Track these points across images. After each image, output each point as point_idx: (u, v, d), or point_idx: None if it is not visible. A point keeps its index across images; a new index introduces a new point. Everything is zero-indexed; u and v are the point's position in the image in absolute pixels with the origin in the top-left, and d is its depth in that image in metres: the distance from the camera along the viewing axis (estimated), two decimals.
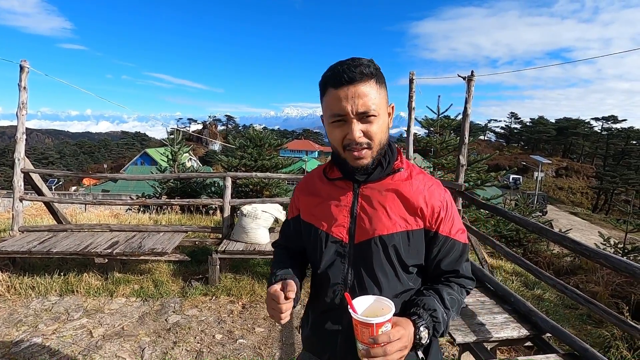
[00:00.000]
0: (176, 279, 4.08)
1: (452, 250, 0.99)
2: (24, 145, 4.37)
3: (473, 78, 4.43)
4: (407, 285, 0.99)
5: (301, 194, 1.11)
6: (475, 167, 9.17)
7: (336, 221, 0.99)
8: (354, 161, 0.93)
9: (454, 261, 1.01)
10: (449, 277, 1.02)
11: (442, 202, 0.98)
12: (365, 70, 0.86)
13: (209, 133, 70.57)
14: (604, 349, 2.94)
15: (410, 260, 0.97)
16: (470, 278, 1.05)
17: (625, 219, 7.82)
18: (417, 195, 0.96)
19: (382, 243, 0.95)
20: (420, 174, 1.01)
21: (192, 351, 2.82)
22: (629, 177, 38.04)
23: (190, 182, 9.75)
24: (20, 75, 4.28)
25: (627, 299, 3.97)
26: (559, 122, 60.31)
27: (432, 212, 0.96)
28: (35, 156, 51.20)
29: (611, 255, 2.07)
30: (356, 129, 0.88)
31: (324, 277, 1.02)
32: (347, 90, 0.87)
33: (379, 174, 0.97)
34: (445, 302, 0.95)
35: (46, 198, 4.61)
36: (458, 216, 1.02)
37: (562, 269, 6.31)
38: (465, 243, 1.03)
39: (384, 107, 0.92)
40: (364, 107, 0.87)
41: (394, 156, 1.01)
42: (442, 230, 0.97)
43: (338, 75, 0.87)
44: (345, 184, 1.01)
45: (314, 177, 1.11)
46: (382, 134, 0.92)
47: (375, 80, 0.89)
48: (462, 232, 1.02)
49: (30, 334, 2.94)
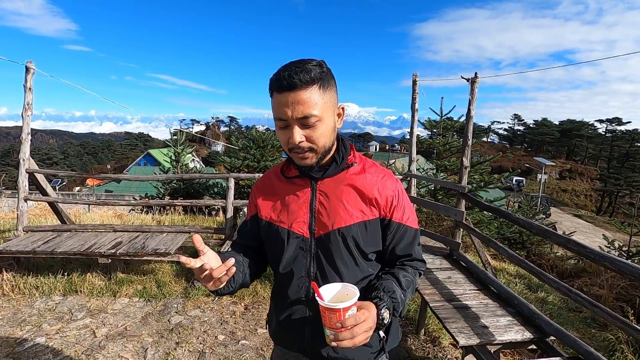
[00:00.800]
0: (179, 279, 4.09)
1: (404, 236, 1.06)
2: (29, 145, 4.40)
3: (476, 80, 4.42)
4: (367, 271, 1.05)
5: (259, 192, 1.13)
6: (478, 168, 9.14)
7: (296, 218, 1.03)
8: (299, 160, 0.97)
9: (407, 245, 1.07)
10: (403, 261, 1.08)
11: (394, 191, 1.03)
12: (305, 77, 0.87)
13: (211, 134, 70.77)
14: (609, 352, 2.92)
15: (369, 248, 1.02)
16: (421, 260, 1.12)
17: (630, 221, 7.76)
18: (371, 186, 1.02)
19: (342, 235, 0.99)
20: (372, 167, 1.07)
21: (194, 352, 2.82)
22: (633, 180, 37.75)
23: (193, 183, 9.77)
24: (25, 77, 4.31)
25: (632, 303, 3.94)
26: (563, 124, 60.08)
27: (385, 201, 1.02)
28: (39, 157, 51.54)
29: (616, 259, 2.06)
30: (297, 134, 0.91)
31: (287, 272, 1.05)
32: (287, 96, 0.88)
33: (334, 170, 1.02)
34: (402, 284, 1.01)
35: (50, 198, 4.64)
36: (409, 204, 1.08)
37: (565, 272, 6.27)
38: (416, 229, 1.09)
39: (328, 111, 0.93)
40: (303, 113, 0.89)
41: (347, 152, 1.05)
42: (395, 217, 1.03)
43: (279, 81, 0.89)
44: (303, 181, 1.05)
45: (271, 176, 1.14)
46: (326, 137, 0.95)
47: (319, 86, 0.90)
48: (414, 219, 1.09)
49: (34, 334, 2.95)
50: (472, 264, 3.70)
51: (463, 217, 4.06)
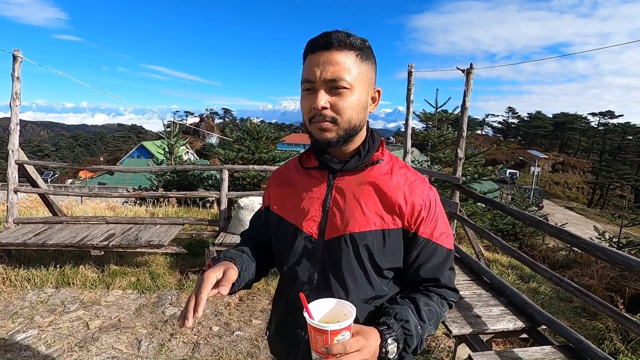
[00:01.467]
0: (173, 271, 4.07)
1: (433, 256, 0.89)
2: (18, 136, 4.32)
3: (472, 71, 4.41)
4: (381, 290, 0.89)
5: (274, 183, 1.03)
6: (472, 161, 9.19)
7: (307, 215, 0.91)
8: (318, 133, 0.83)
9: (435, 268, 0.90)
10: (428, 286, 0.92)
11: (424, 200, 0.87)
12: (345, 39, 0.79)
13: (206, 126, 70.21)
14: (598, 340, 2.97)
15: (385, 262, 0.87)
16: (453, 289, 0.94)
17: (620, 213, 7.88)
18: (396, 190, 0.87)
19: (353, 241, 0.86)
20: (402, 168, 0.92)
21: (188, 343, 2.82)
22: (624, 172, 38.26)
23: (187, 175, 9.70)
24: (13, 65, 4.21)
25: (621, 292, 4.01)
26: (556, 117, 60.50)
27: (412, 210, 0.86)
28: (30, 149, 50.79)
29: (607, 249, 2.08)
30: (321, 97, 0.80)
31: (290, 274, 0.94)
32: (320, 55, 0.80)
33: (355, 164, 0.88)
34: (421, 314, 0.84)
35: (41, 190, 4.57)
36: (444, 218, 0.92)
37: (557, 263, 6.36)
38: (449, 249, 0.91)
39: (362, 84, 0.83)
40: (333, 75, 0.79)
41: (374, 146, 0.91)
42: (422, 231, 0.87)
43: (315, 40, 0.81)
44: (320, 174, 0.93)
45: (291, 165, 1.02)
46: (354, 111, 0.82)
47: (357, 54, 0.81)
48: (447, 236, 0.91)
49: (26, 326, 2.93)
50: (466, 255, 3.73)
51: (457, 209, 4.08)
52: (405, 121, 5.68)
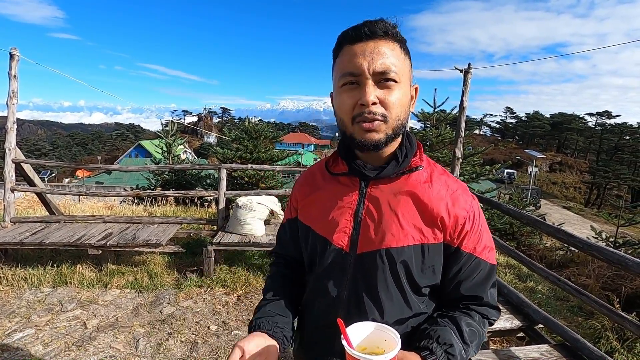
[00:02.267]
0: (171, 270, 4.07)
1: (475, 271, 0.81)
2: (15, 135, 4.30)
3: (470, 70, 4.42)
4: (418, 309, 0.82)
5: (299, 191, 0.94)
6: (470, 160, 9.22)
7: (337, 226, 0.83)
8: (363, 134, 0.74)
9: (478, 285, 0.82)
10: (469, 304, 0.83)
11: (468, 211, 0.79)
12: (390, 29, 0.73)
13: (204, 125, 70.08)
14: (595, 339, 2.99)
15: (424, 280, 0.80)
16: (495, 307, 0.85)
17: (617, 213, 7.92)
18: (438, 201, 0.78)
19: (390, 257, 0.78)
20: (443, 175, 0.83)
21: (186, 342, 2.82)
22: (621, 172, 38.47)
23: (185, 174, 9.68)
24: (10, 64, 4.20)
25: (618, 292, 4.03)
26: (554, 117, 60.73)
27: (455, 223, 0.78)
28: (27, 147, 50.58)
29: (604, 248, 2.09)
30: (371, 91, 0.71)
31: (318, 287, 0.87)
32: (365, 45, 0.72)
33: (392, 170, 0.79)
34: (463, 336, 0.77)
35: (38, 189, 4.55)
36: (487, 230, 0.84)
37: (554, 262, 6.39)
38: (492, 264, 0.84)
39: (406, 78, 0.76)
40: (384, 67, 0.71)
41: (412, 150, 0.82)
42: (465, 246, 0.79)
43: (357, 29, 0.73)
44: (350, 180, 0.84)
45: (315, 171, 0.93)
46: (402, 108, 0.75)
47: (401, 46, 0.75)
48: (490, 250, 0.83)
49: (23, 325, 2.92)
50: None
51: None
52: None
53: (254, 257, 4.52)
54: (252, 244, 3.99)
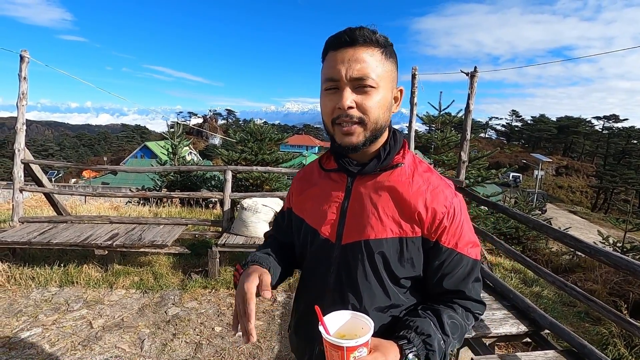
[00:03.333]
0: (176, 271, 4.09)
1: (457, 267, 0.84)
2: (24, 136, 4.36)
3: (476, 74, 4.40)
4: (398, 299, 0.86)
5: (297, 184, 1.03)
6: (476, 164, 9.17)
7: (325, 218, 0.89)
8: (342, 137, 0.80)
9: (460, 280, 0.85)
10: (452, 298, 0.86)
11: (447, 207, 0.82)
12: (370, 36, 0.76)
13: (209, 127, 70.46)
14: (602, 346, 2.95)
15: (403, 271, 0.84)
16: (479, 301, 0.88)
17: (625, 218, 7.83)
18: (416, 196, 0.82)
19: (368, 248, 0.83)
20: (426, 172, 0.87)
21: (191, 343, 2.83)
22: (629, 177, 38.03)
23: (191, 176, 9.73)
24: (20, 65, 4.25)
25: (625, 297, 3.99)
26: (560, 121, 60.25)
27: (432, 218, 0.81)
28: (35, 148, 51.14)
29: (612, 253, 2.07)
30: (347, 96, 0.76)
31: (308, 276, 0.95)
32: (345, 52, 0.76)
33: (373, 167, 0.85)
34: (444, 327, 0.80)
35: (46, 189, 4.60)
36: (469, 227, 0.86)
37: (560, 267, 6.33)
38: (475, 259, 0.86)
39: (387, 83, 0.80)
40: (360, 73, 0.75)
41: (396, 148, 0.87)
42: (444, 241, 0.83)
43: (338, 37, 0.77)
44: (339, 176, 0.90)
45: (313, 167, 1.01)
46: (380, 111, 0.79)
47: (382, 51, 0.78)
48: (473, 245, 0.86)
49: (30, 324, 2.95)
50: None
51: None
52: (409, 124, 5.67)
53: None
54: (256, 246, 3.98)
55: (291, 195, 1.04)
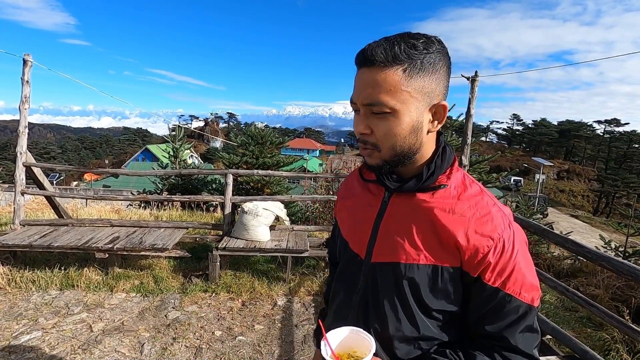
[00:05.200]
0: (176, 275, 4.08)
1: (503, 310, 0.71)
2: (26, 139, 4.38)
3: (477, 78, 4.42)
4: (429, 331, 0.76)
5: (340, 193, 0.99)
6: (477, 168, 9.16)
7: (357, 231, 0.85)
8: (365, 158, 0.77)
9: (504, 326, 0.72)
10: (494, 345, 0.73)
11: (494, 239, 0.70)
12: (386, 54, 0.67)
13: (210, 130, 70.63)
14: (604, 351, 2.93)
15: (435, 303, 0.75)
16: (529, 356, 0.73)
17: (627, 222, 7.79)
18: (457, 223, 0.72)
19: (397, 272, 0.76)
20: (476, 196, 0.75)
21: (191, 347, 2.82)
22: (630, 181, 37.94)
23: (192, 179, 9.75)
24: (23, 69, 4.28)
25: (628, 303, 3.96)
26: (561, 125, 60.27)
27: (474, 250, 0.70)
28: (37, 151, 51.31)
29: (614, 259, 2.07)
30: (360, 122, 0.73)
31: (337, 289, 0.91)
32: (362, 73, 0.71)
33: (413, 186, 0.76)
34: None
35: (48, 192, 4.61)
36: (527, 265, 0.72)
37: (562, 272, 6.29)
38: (529, 304, 0.72)
39: (411, 104, 0.70)
40: (369, 100, 0.70)
41: (442, 167, 0.77)
42: (487, 278, 0.71)
43: (359, 54, 0.71)
44: (377, 189, 0.83)
45: (355, 175, 0.95)
46: (397, 138, 0.71)
47: (405, 69, 0.68)
48: (529, 288, 0.72)
49: (30, 328, 2.94)
50: None
51: None
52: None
53: (259, 263, 4.52)
54: (257, 250, 4.00)
55: (336, 203, 1.01)
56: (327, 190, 8.78)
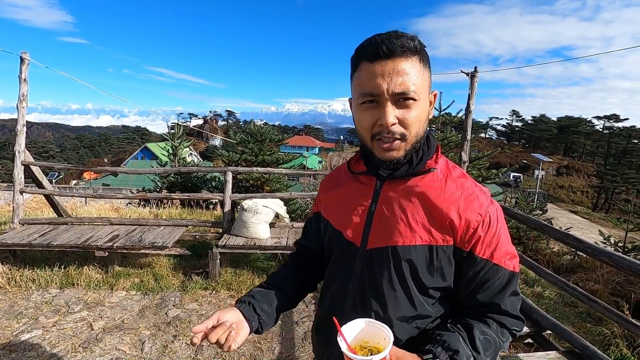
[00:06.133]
0: (176, 273, 4.08)
1: (492, 279, 0.79)
2: (25, 137, 4.36)
3: (476, 74, 4.40)
4: (425, 310, 0.81)
5: (324, 188, 1.01)
6: (476, 164, 9.15)
7: (351, 221, 0.87)
8: (382, 153, 0.77)
9: (495, 293, 0.79)
10: (486, 312, 0.81)
11: (482, 215, 0.77)
12: (409, 44, 0.72)
13: (209, 128, 70.52)
14: (604, 346, 2.94)
15: (431, 281, 0.80)
16: (516, 317, 0.82)
17: (626, 218, 7.82)
18: (448, 203, 0.78)
19: (395, 255, 0.79)
20: (460, 178, 0.83)
21: (191, 345, 2.82)
22: (629, 176, 38.01)
23: (191, 177, 9.73)
24: (20, 67, 4.26)
25: (627, 298, 3.97)
26: (561, 121, 60.27)
27: (466, 226, 0.77)
28: (35, 150, 51.23)
29: (614, 254, 2.07)
30: (390, 113, 0.72)
31: (330, 279, 0.93)
32: (384, 65, 0.71)
33: (405, 171, 0.81)
34: (475, 343, 0.75)
35: (47, 191, 4.60)
36: (506, 237, 0.81)
37: (561, 267, 6.31)
38: (513, 271, 0.80)
39: (425, 92, 0.76)
40: (403, 87, 0.71)
41: (429, 153, 0.84)
42: (478, 251, 0.78)
43: (375, 47, 0.72)
44: (368, 179, 0.87)
45: (341, 169, 0.99)
46: (420, 124, 0.76)
47: (420, 58, 0.74)
48: (511, 257, 0.81)
49: (31, 326, 2.94)
50: None
51: None
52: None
53: (259, 260, 4.52)
54: (257, 247, 3.99)
55: (318, 199, 1.02)
56: None
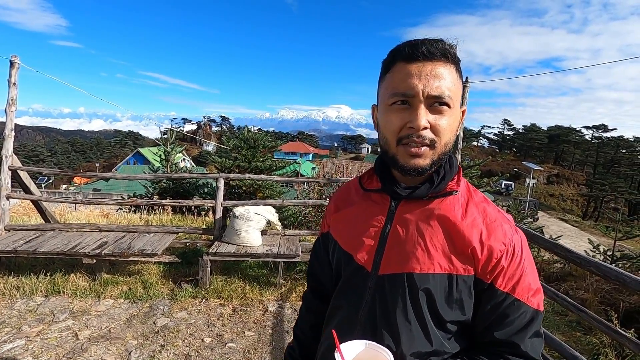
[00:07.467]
0: (166, 280, 4.02)
1: (513, 315, 0.71)
2: (12, 142, 4.29)
3: (467, 84, 4.47)
4: (441, 346, 0.74)
5: (332, 206, 0.93)
6: (468, 172, 9.23)
7: (362, 243, 0.80)
8: (407, 159, 0.71)
9: (514, 331, 0.71)
10: (502, 352, 0.73)
11: (506, 244, 0.71)
12: (449, 50, 0.69)
13: (203, 133, 70.28)
14: (593, 356, 2.96)
15: (449, 314, 0.73)
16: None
17: (614, 226, 7.92)
18: (470, 229, 0.72)
19: (411, 283, 0.72)
20: (482, 203, 0.77)
21: (180, 355, 2.77)
22: (618, 185, 38.68)
23: (183, 183, 9.65)
24: (10, 71, 4.21)
25: (616, 306, 4.01)
26: (551, 130, 61.28)
27: (488, 256, 0.71)
28: (25, 153, 50.46)
29: (601, 264, 2.08)
30: (423, 116, 0.68)
31: (338, 306, 0.85)
32: (422, 66, 0.69)
33: (425, 192, 0.75)
34: None
35: (34, 196, 4.52)
36: (532, 270, 0.74)
37: (552, 275, 6.36)
38: (536, 309, 0.73)
39: (458, 103, 0.73)
40: (439, 91, 0.68)
41: (451, 173, 0.77)
42: (499, 284, 0.71)
43: (415, 47, 0.69)
44: (381, 198, 0.81)
45: (350, 186, 0.92)
46: (451, 133, 0.72)
47: (456, 68, 0.72)
48: (534, 293, 0.73)
49: (14, 336, 2.86)
50: None
51: None
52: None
53: (250, 268, 4.48)
54: (248, 255, 3.96)
55: (327, 217, 0.94)
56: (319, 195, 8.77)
